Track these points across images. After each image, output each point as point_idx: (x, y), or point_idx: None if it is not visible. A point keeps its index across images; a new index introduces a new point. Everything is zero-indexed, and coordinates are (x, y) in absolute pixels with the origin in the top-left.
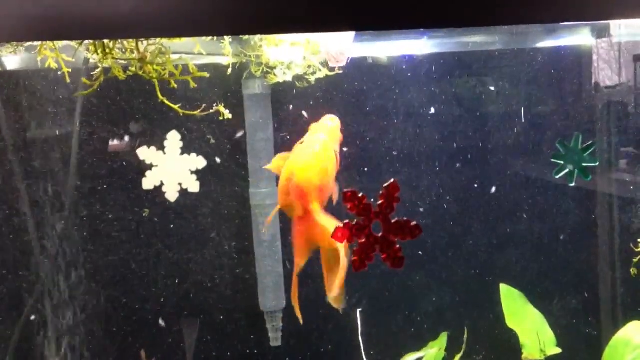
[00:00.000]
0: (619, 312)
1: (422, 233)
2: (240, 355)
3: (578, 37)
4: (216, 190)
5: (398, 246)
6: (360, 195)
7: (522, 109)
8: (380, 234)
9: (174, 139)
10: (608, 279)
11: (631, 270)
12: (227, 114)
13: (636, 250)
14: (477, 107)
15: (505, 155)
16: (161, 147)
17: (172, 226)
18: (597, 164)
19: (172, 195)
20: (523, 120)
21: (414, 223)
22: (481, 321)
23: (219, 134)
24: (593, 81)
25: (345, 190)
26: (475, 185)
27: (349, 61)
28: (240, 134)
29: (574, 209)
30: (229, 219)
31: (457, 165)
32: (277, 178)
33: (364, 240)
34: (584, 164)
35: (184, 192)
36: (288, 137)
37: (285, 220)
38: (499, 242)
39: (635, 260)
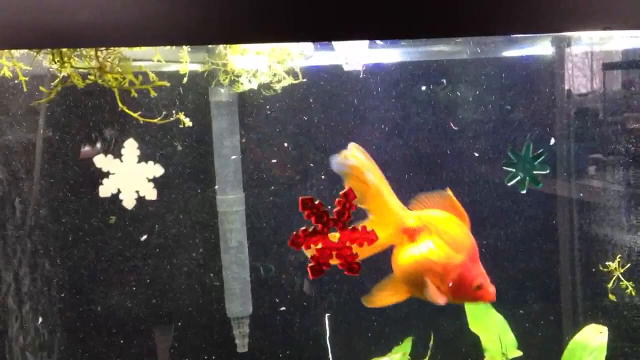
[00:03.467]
0: (580, 316)
1: (377, 240)
2: None
3: (539, 47)
4: (183, 197)
5: (355, 253)
6: (316, 202)
7: (482, 115)
8: (336, 241)
9: (131, 146)
10: (569, 282)
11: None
12: (188, 122)
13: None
14: (444, 114)
15: (469, 161)
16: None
17: (138, 233)
18: (548, 171)
19: (129, 202)
20: (480, 127)
21: (370, 230)
22: (446, 326)
23: (188, 140)
24: (556, 88)
25: (301, 197)
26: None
27: (364, 68)
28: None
29: (537, 214)
30: (196, 226)
31: (421, 170)
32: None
33: (320, 246)
34: (534, 172)
35: (151, 200)
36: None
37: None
38: None
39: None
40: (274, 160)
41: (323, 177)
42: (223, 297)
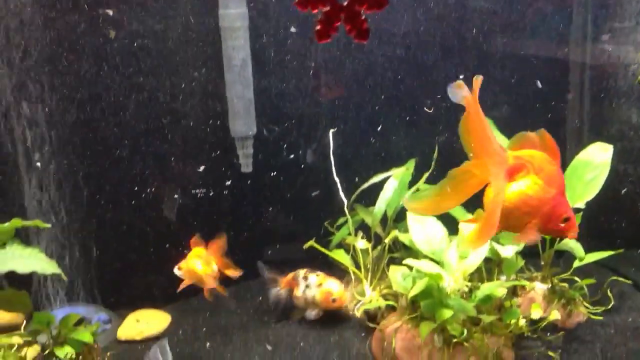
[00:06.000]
0: (584, 136)
1: (388, 4)
2: (213, 181)
3: None
4: (185, 14)
5: (363, 17)
6: None
7: None
8: (345, 3)
9: None
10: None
11: None
12: None
13: None
14: None
15: None
16: None
17: (142, 51)
18: None
19: None
20: None
21: None
22: (450, 143)
23: None
24: None
25: None
26: None
27: None
28: None
29: None
30: (198, 44)
31: None
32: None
33: (328, 8)
34: None
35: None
36: None
37: None
38: None
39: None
40: None
41: None
42: (226, 116)
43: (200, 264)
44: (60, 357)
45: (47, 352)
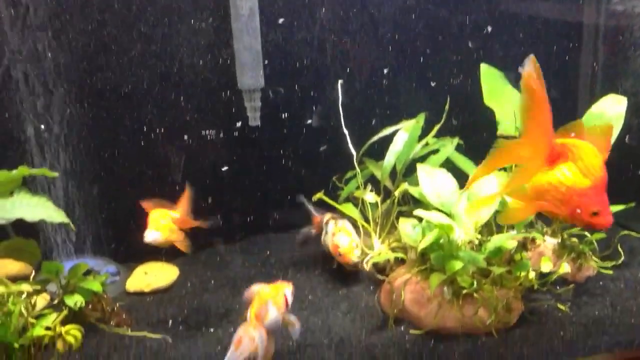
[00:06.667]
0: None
1: None
2: (223, 134)
3: None
4: None
5: None
6: None
7: None
8: None
9: None
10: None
11: None
12: None
13: None
14: None
15: None
16: None
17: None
18: None
19: None
20: None
21: None
22: (460, 100)
23: None
24: None
25: None
26: None
27: None
28: None
29: None
30: None
31: None
32: None
33: None
34: None
35: None
36: None
37: None
38: None
39: None
40: None
41: None
42: (234, 68)
43: (160, 233)
44: (69, 305)
45: (56, 301)
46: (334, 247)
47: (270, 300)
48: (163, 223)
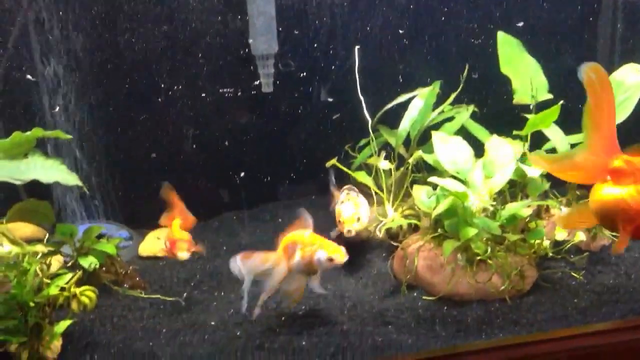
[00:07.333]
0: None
1: None
2: (235, 98)
3: None
4: None
5: None
6: None
7: None
8: None
9: None
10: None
11: None
12: None
13: None
14: None
15: None
16: None
17: None
18: None
19: None
20: None
21: None
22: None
23: None
24: None
25: None
26: None
27: None
28: None
29: None
30: None
31: None
32: None
33: None
34: None
35: None
36: None
37: None
38: None
39: None
40: None
41: None
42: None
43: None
44: (84, 266)
45: (70, 263)
46: (337, 214)
47: (300, 244)
48: (185, 240)
